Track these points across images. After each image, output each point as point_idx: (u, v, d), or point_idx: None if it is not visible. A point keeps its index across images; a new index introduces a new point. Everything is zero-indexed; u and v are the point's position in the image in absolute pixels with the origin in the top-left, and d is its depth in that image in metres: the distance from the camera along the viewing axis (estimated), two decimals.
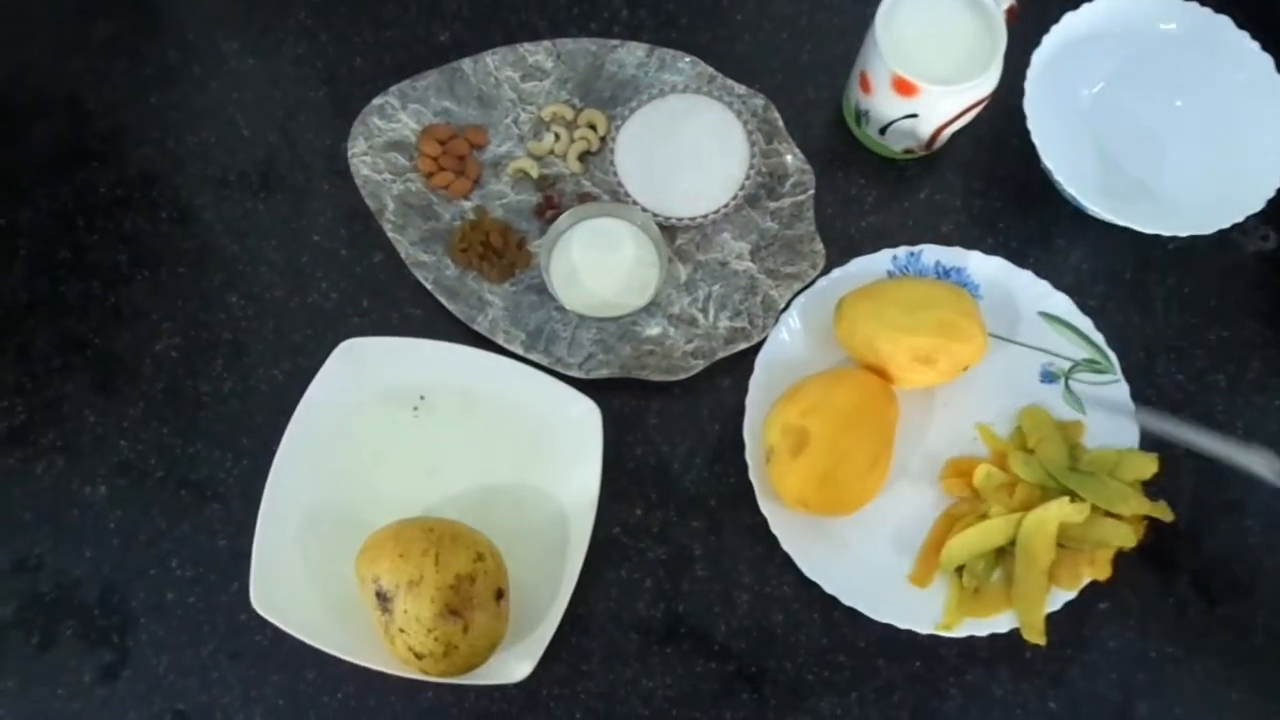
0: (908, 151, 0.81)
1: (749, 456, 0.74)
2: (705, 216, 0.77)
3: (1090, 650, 0.74)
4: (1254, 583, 0.76)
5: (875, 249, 0.79)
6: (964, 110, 0.75)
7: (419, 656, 0.67)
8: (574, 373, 0.77)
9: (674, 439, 0.77)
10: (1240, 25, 0.78)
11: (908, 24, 0.74)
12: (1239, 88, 0.79)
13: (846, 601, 0.72)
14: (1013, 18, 0.74)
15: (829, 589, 0.72)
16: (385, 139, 0.81)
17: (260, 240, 0.81)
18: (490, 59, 0.82)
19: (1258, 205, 0.74)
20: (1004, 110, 0.76)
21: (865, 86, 0.77)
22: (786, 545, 0.73)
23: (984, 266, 0.77)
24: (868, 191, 0.83)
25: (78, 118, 0.83)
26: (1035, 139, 0.76)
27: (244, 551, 0.72)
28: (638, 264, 0.78)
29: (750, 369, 0.78)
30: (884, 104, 0.76)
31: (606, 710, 0.73)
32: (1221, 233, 0.81)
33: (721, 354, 0.77)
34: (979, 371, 0.74)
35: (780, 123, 0.81)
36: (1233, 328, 0.80)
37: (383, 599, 0.67)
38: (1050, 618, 0.71)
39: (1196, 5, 0.79)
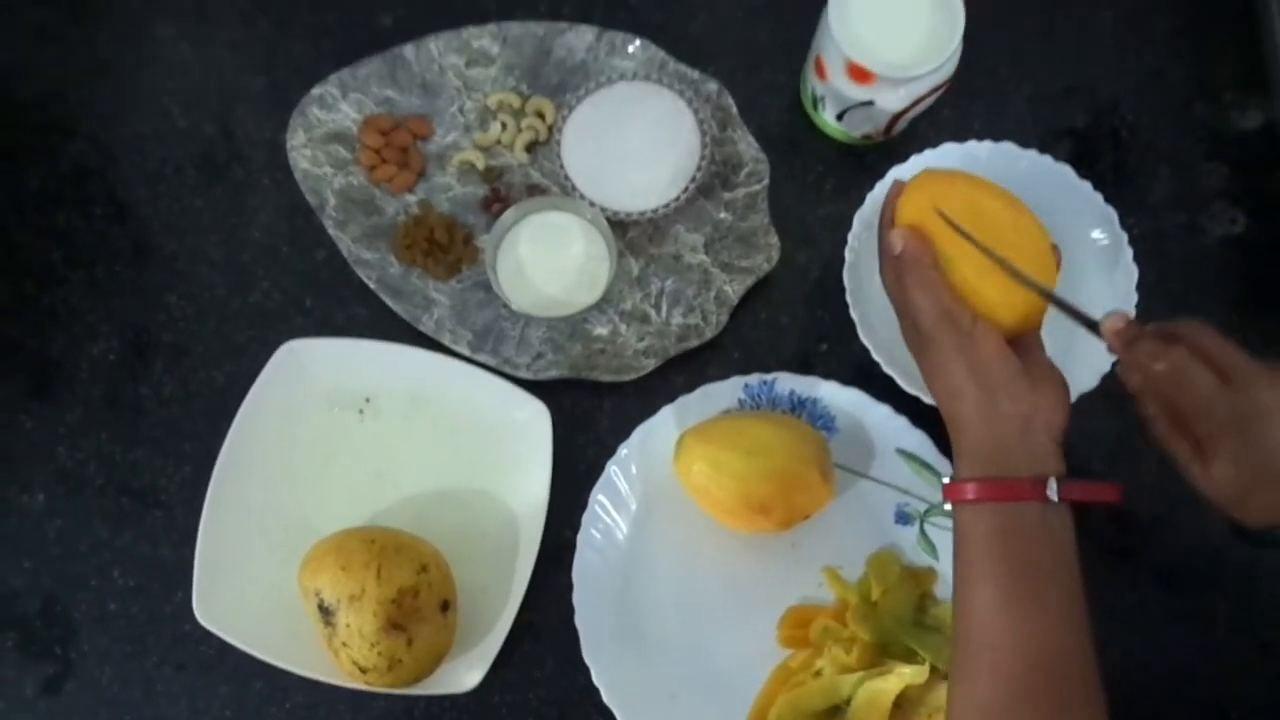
0: (866, 137, 0.79)
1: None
2: (655, 211, 0.75)
3: None
4: (1216, 575, 0.75)
5: (833, 238, 0.77)
6: (921, 97, 0.72)
7: (363, 670, 0.66)
8: (522, 373, 0.75)
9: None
10: (1082, 176, 0.73)
11: (863, 8, 0.70)
12: (1085, 245, 0.72)
13: None
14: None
15: None
16: (325, 130, 0.78)
17: (199, 237, 0.79)
18: (434, 44, 0.79)
19: (1092, 383, 0.70)
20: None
21: (820, 72, 0.74)
22: (610, 702, 0.69)
23: (839, 398, 0.74)
24: (826, 179, 0.80)
25: (7, 110, 0.80)
26: (853, 314, 0.71)
27: (187, 560, 0.71)
28: (588, 259, 0.75)
29: (704, 366, 0.77)
30: (840, 90, 0.73)
31: (559, 716, 0.72)
32: (1189, 217, 0.80)
33: (674, 352, 0.75)
34: (830, 510, 0.71)
35: (734, 110, 0.79)
36: (1201, 313, 0.77)
37: (325, 612, 0.66)
38: None
39: (1035, 154, 0.73)
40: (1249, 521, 0.55)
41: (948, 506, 0.57)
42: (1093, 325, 0.56)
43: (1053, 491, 0.54)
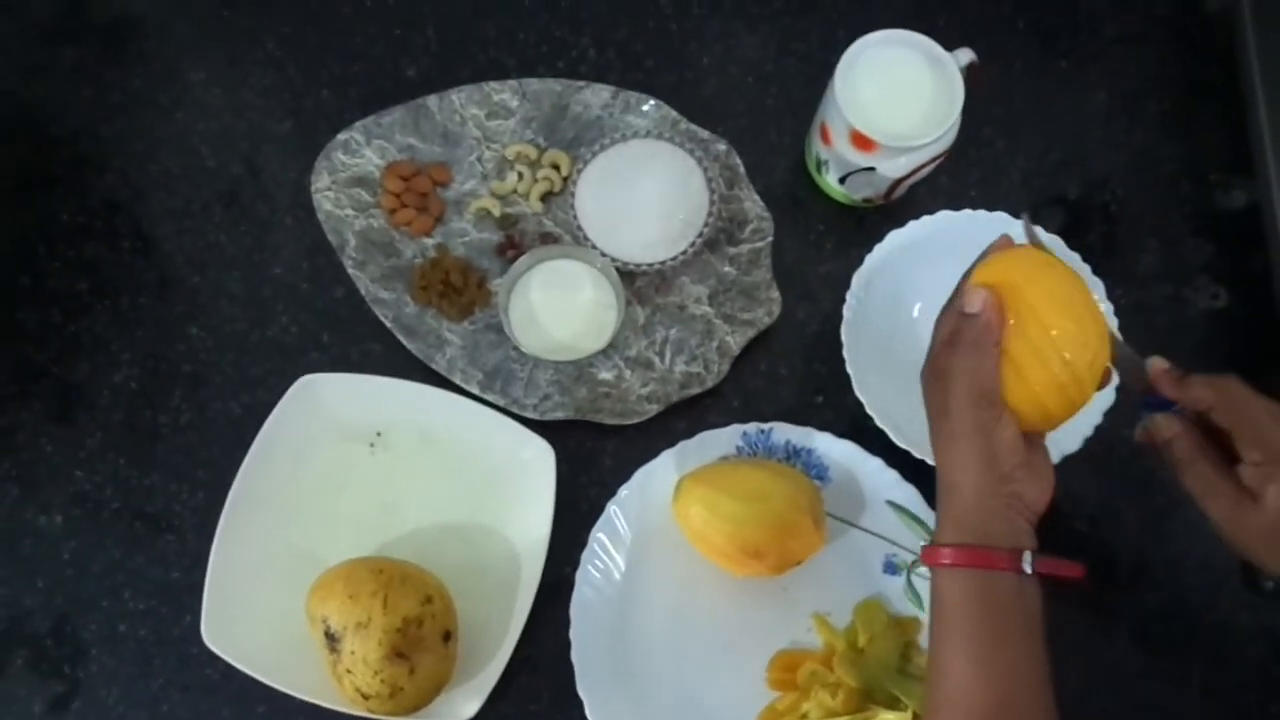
0: (867, 200, 0.82)
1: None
2: (663, 263, 0.78)
3: None
4: (1192, 637, 0.77)
5: (832, 295, 0.80)
6: (921, 165, 0.76)
7: (365, 697, 0.68)
8: (529, 414, 0.77)
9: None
10: (1072, 247, 0.77)
11: (867, 80, 0.74)
12: None
13: None
14: (974, 76, 0.75)
15: None
16: (349, 174, 0.81)
17: (222, 272, 0.82)
18: (456, 96, 0.83)
19: (1076, 445, 0.74)
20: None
21: (825, 138, 0.77)
22: None
23: (832, 449, 0.77)
24: (827, 238, 0.83)
25: (42, 144, 0.84)
26: (850, 369, 0.75)
27: (197, 584, 0.72)
28: (596, 306, 0.78)
29: (705, 413, 0.80)
30: (843, 156, 0.77)
31: None
32: (1175, 289, 0.83)
33: (676, 399, 0.78)
34: (821, 558, 0.73)
35: (742, 169, 0.82)
36: None
37: (331, 639, 0.68)
38: None
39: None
40: None
41: (923, 569, 0.59)
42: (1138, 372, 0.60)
43: (1027, 564, 0.57)
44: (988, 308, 0.57)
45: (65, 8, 0.86)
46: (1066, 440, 0.73)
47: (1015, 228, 0.77)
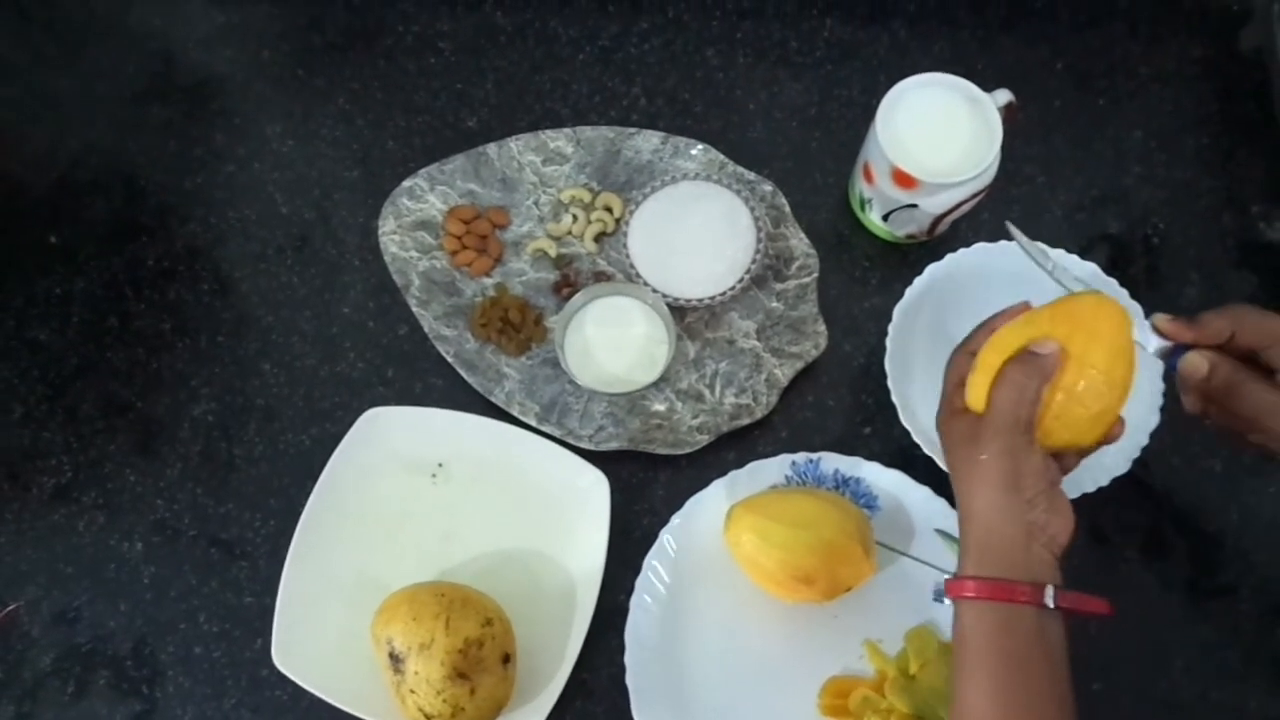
0: (910, 236, 0.84)
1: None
2: (712, 299, 0.81)
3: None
4: (1248, 667, 0.77)
5: (877, 328, 0.82)
6: (962, 202, 0.78)
7: (428, 717, 0.70)
8: (584, 444, 0.80)
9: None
10: (1109, 272, 0.79)
11: (908, 120, 0.77)
12: None
13: None
14: (1011, 115, 0.78)
15: None
16: (413, 218, 0.86)
17: (294, 311, 0.86)
18: (514, 144, 0.87)
19: (1124, 467, 0.75)
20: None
21: (868, 177, 0.80)
22: None
23: (881, 478, 0.78)
24: (871, 274, 0.86)
25: (132, 195, 0.90)
26: (895, 400, 0.77)
27: (268, 609, 0.76)
28: (648, 341, 0.81)
29: (754, 444, 0.82)
30: (886, 193, 0.80)
31: None
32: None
33: (726, 430, 0.81)
34: (870, 586, 0.75)
35: (788, 208, 0.85)
36: None
37: (395, 660, 0.71)
38: None
39: (1061, 252, 0.78)
40: None
41: (947, 601, 0.60)
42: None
43: (1049, 599, 0.57)
44: (1054, 351, 0.59)
45: (155, 71, 0.93)
46: (1114, 463, 0.75)
47: (1051, 257, 0.79)
